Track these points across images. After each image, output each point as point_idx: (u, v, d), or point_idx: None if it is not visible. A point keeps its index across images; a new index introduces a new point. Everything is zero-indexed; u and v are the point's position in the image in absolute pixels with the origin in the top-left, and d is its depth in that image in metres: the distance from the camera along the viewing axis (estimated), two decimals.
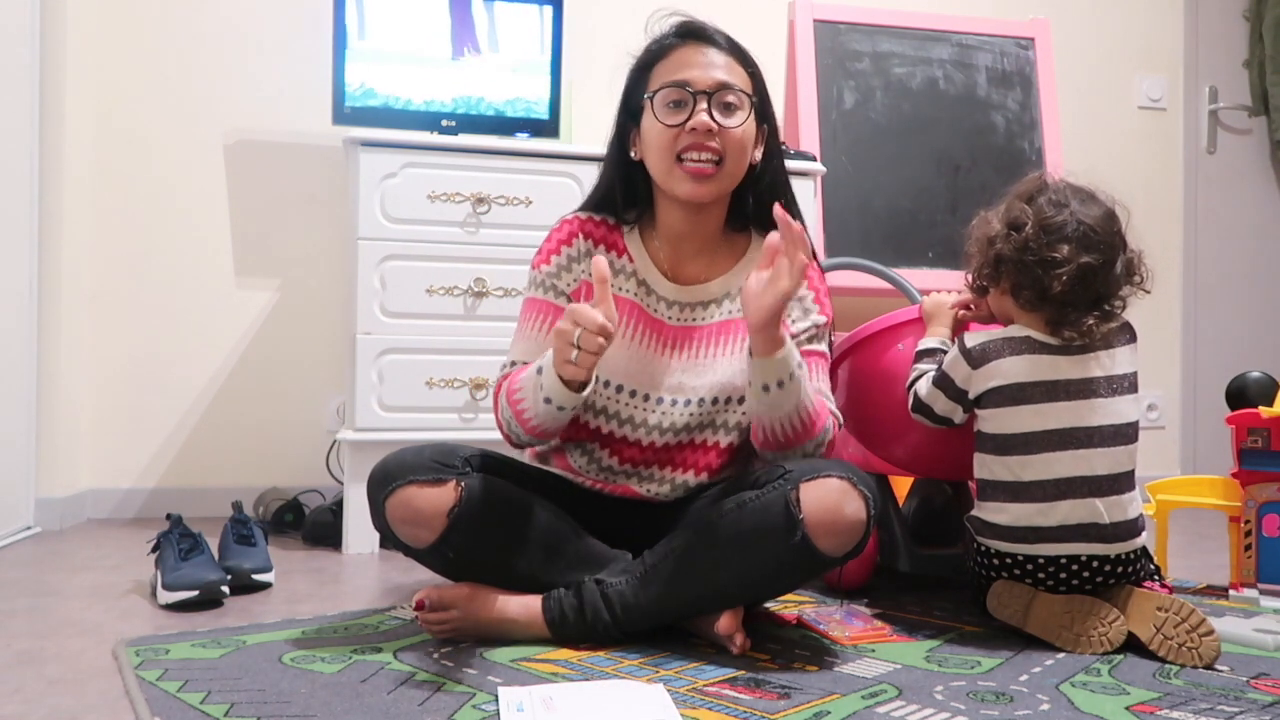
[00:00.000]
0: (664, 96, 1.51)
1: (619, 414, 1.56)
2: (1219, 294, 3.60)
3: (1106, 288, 1.54)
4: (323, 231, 2.78)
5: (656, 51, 1.56)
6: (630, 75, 1.59)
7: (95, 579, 1.94)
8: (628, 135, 1.60)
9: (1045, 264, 1.50)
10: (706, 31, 1.55)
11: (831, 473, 1.39)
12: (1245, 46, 3.60)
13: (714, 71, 1.51)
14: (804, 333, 1.59)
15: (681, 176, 1.51)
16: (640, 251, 1.61)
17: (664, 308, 1.60)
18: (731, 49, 1.55)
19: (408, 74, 2.47)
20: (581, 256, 1.59)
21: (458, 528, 1.42)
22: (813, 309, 1.62)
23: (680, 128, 1.49)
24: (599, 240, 1.60)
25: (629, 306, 1.58)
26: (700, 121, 1.48)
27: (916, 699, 1.26)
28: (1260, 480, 1.81)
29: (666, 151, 1.51)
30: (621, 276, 1.60)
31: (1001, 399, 1.54)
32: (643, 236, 1.63)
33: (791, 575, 1.46)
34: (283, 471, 2.73)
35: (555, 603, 1.46)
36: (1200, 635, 1.40)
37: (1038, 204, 1.54)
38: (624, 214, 1.63)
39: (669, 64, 1.53)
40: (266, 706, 1.20)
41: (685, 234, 1.60)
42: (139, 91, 2.69)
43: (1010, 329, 1.58)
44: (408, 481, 1.42)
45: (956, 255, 2.84)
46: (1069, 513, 1.49)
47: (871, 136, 2.93)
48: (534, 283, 1.61)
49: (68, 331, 2.57)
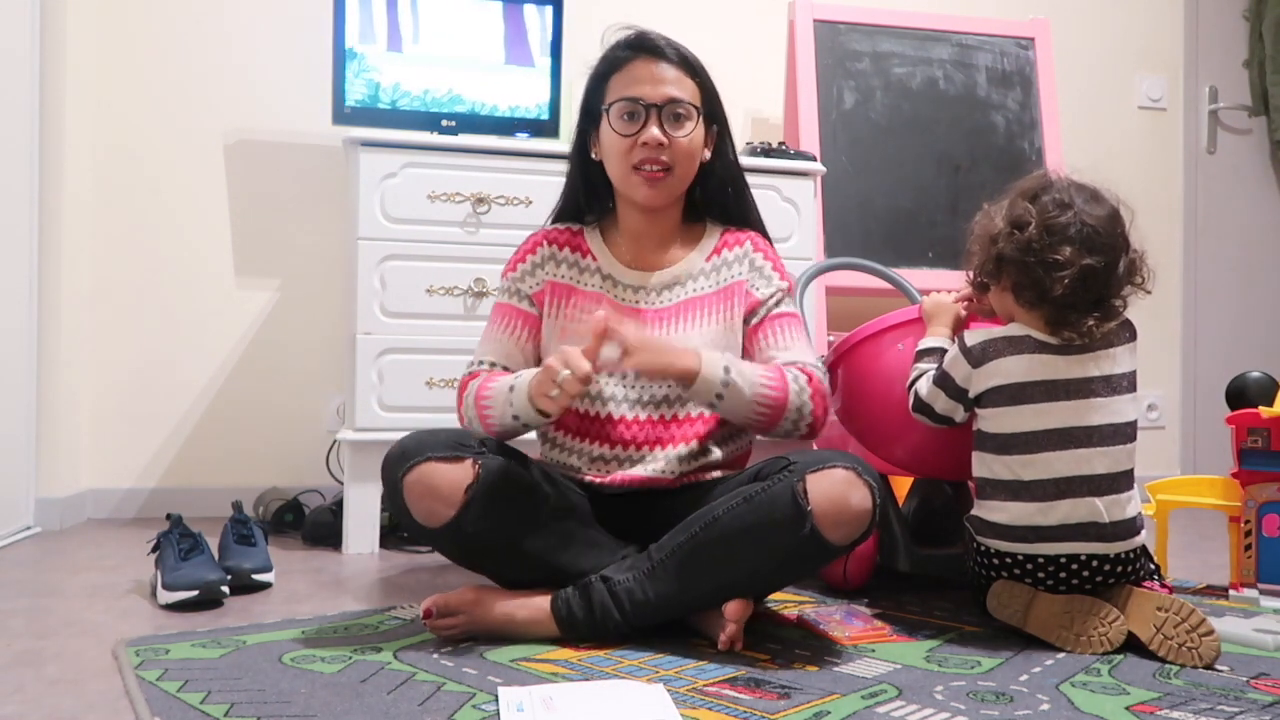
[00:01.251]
0: (619, 110, 1.63)
1: (599, 393, 1.62)
2: (1219, 294, 3.60)
3: (1108, 289, 1.53)
4: (323, 231, 2.78)
5: (612, 62, 1.66)
6: (589, 83, 1.70)
7: (95, 579, 1.94)
8: (588, 137, 1.71)
9: (1047, 265, 1.49)
10: (658, 46, 1.65)
11: (836, 463, 1.42)
12: (1245, 46, 3.60)
13: (664, 87, 1.62)
14: (770, 298, 1.68)
15: (637, 182, 1.63)
16: (601, 249, 1.72)
17: (630, 294, 1.69)
18: (680, 62, 1.65)
19: (408, 74, 2.47)
20: (545, 261, 1.71)
21: (475, 504, 1.44)
22: (773, 276, 1.71)
23: (634, 138, 1.61)
24: (563, 244, 1.72)
25: (595, 296, 1.69)
26: (651, 136, 1.60)
27: (916, 699, 1.26)
28: (1260, 480, 1.81)
29: (623, 159, 1.63)
30: (587, 275, 1.71)
31: (1001, 398, 1.54)
32: (604, 233, 1.74)
33: (800, 565, 1.49)
34: (283, 471, 2.73)
35: (564, 602, 1.47)
36: (1200, 635, 1.40)
37: (1041, 203, 1.53)
38: (585, 215, 1.76)
39: (623, 77, 1.64)
40: (266, 706, 1.20)
41: (644, 231, 1.71)
42: (139, 91, 2.69)
43: (1010, 328, 1.57)
44: (427, 458, 1.45)
45: (956, 255, 2.83)
46: (1069, 512, 1.49)
47: (871, 136, 2.93)
48: (502, 289, 1.73)
49: (68, 331, 2.57)
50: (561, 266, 1.70)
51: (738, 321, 1.67)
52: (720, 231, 1.75)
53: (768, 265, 1.71)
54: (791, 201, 2.49)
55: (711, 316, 1.67)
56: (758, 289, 1.69)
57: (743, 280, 1.69)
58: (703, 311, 1.67)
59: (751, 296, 1.68)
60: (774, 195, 2.46)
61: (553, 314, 1.68)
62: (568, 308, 1.68)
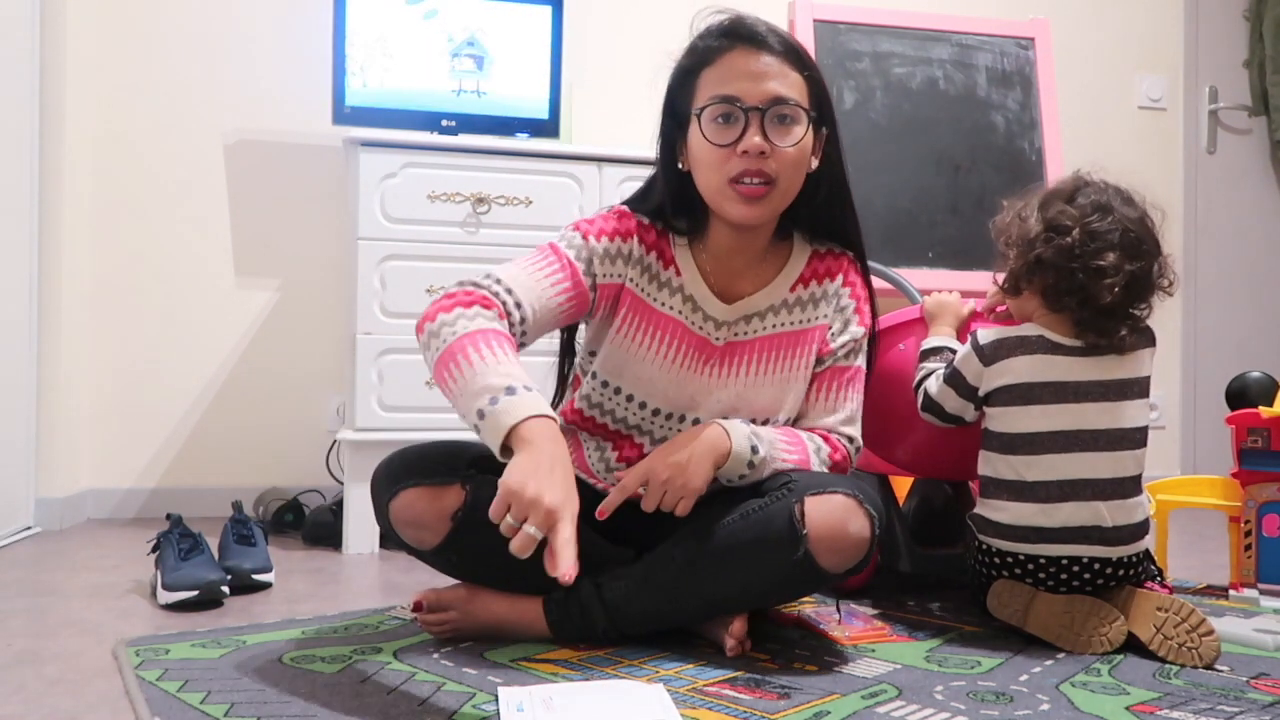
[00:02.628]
0: (712, 113, 1.40)
1: (652, 433, 1.54)
2: (1219, 294, 3.60)
3: (1145, 294, 1.51)
4: (323, 231, 2.78)
5: (704, 54, 1.43)
6: (673, 78, 1.47)
7: (95, 579, 1.94)
8: (675, 144, 1.48)
9: (1091, 272, 1.46)
10: (758, 33, 1.41)
11: (837, 488, 1.37)
12: (1245, 46, 3.60)
13: (766, 83, 1.39)
14: (842, 348, 1.55)
15: (733, 198, 1.41)
16: (689, 265, 1.51)
17: (711, 327, 1.51)
18: (786, 51, 1.42)
19: (408, 74, 2.47)
20: (631, 260, 1.49)
21: (462, 530, 1.40)
22: (853, 319, 1.55)
23: (731, 148, 1.39)
24: (650, 247, 1.50)
25: (673, 325, 1.50)
26: (752, 144, 1.37)
27: (916, 699, 1.26)
28: (1260, 480, 1.81)
29: (716, 172, 1.41)
30: (667, 292, 1.50)
31: (1010, 398, 1.54)
32: (692, 249, 1.52)
33: (791, 588, 1.45)
34: (283, 471, 2.73)
35: (556, 605, 1.46)
36: (1200, 635, 1.40)
37: (1080, 205, 1.50)
38: (675, 223, 1.52)
39: (716, 71, 1.41)
40: (266, 706, 1.20)
41: (735, 250, 1.51)
42: (139, 91, 2.69)
43: (1024, 327, 1.55)
44: (412, 484, 1.40)
45: (956, 255, 2.87)
46: (1071, 514, 1.49)
47: (871, 136, 2.92)
48: (568, 242, 1.47)
49: (68, 331, 2.56)
50: (643, 275, 1.50)
51: (809, 371, 1.54)
52: (809, 253, 1.56)
53: (852, 305, 1.55)
54: None
55: (785, 361, 1.53)
56: (834, 335, 1.54)
57: (826, 325, 1.54)
58: (781, 353, 1.52)
59: (825, 344, 1.54)
60: None
61: (624, 330, 1.50)
62: (643, 337, 1.50)
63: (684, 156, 1.47)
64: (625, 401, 1.52)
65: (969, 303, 1.73)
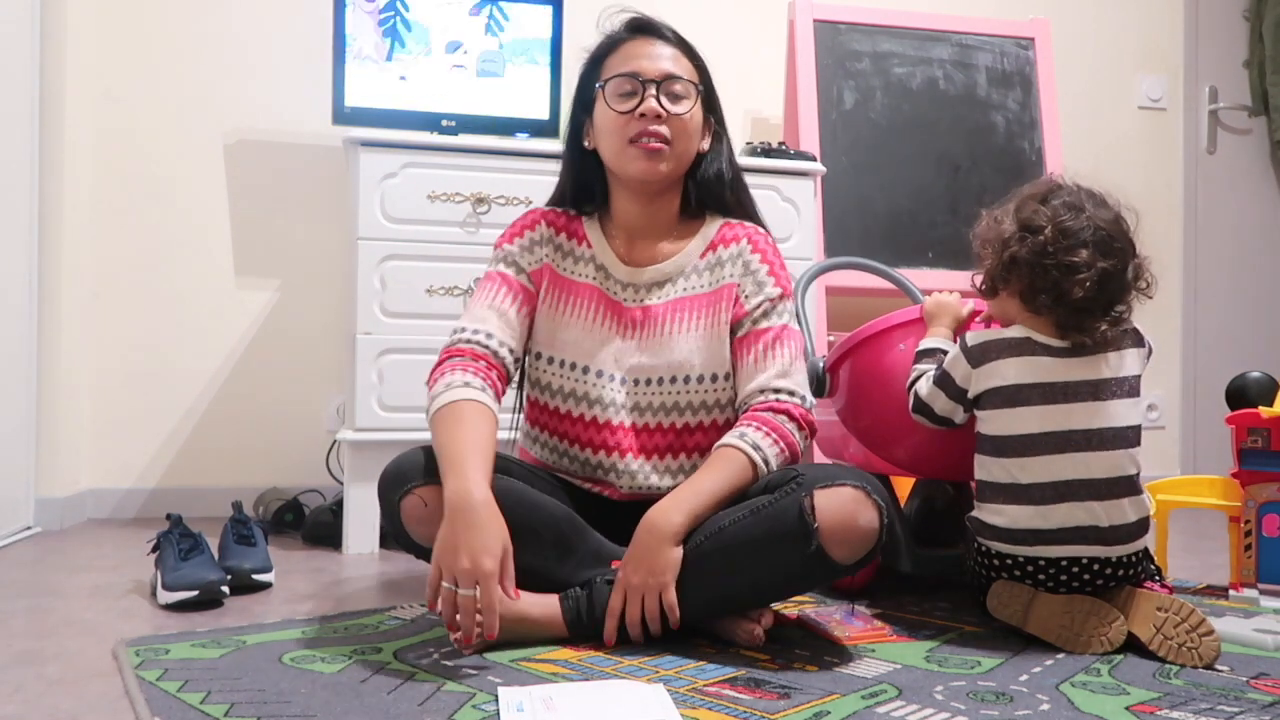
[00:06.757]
0: (615, 86, 1.59)
1: (586, 394, 1.61)
2: (1219, 294, 3.60)
3: (1120, 292, 1.53)
4: (323, 231, 2.78)
5: (608, 45, 1.64)
6: (583, 68, 1.67)
7: (95, 579, 1.94)
8: (582, 127, 1.67)
9: (1064, 268, 1.48)
10: (655, 26, 1.64)
11: (846, 481, 1.40)
12: (1245, 46, 3.60)
13: (661, 62, 1.60)
14: (757, 308, 1.63)
15: (634, 155, 1.58)
16: (599, 238, 1.69)
17: (620, 289, 1.66)
18: (678, 42, 1.64)
19: (408, 74, 2.47)
20: (544, 241, 1.67)
21: None
22: (766, 281, 1.65)
23: (631, 114, 1.57)
24: (560, 228, 1.69)
25: (588, 290, 1.66)
26: (649, 107, 1.57)
27: (916, 699, 1.26)
28: (1260, 480, 1.81)
29: (618, 135, 1.59)
30: (581, 263, 1.68)
31: (1000, 400, 1.54)
32: (601, 225, 1.71)
33: (803, 582, 1.48)
34: (283, 471, 2.73)
35: (573, 602, 1.46)
36: (1200, 635, 1.40)
37: (1053, 206, 1.52)
38: (583, 206, 1.72)
39: (619, 56, 1.62)
40: (266, 706, 1.20)
41: (641, 223, 1.68)
42: (139, 91, 2.69)
43: (1011, 330, 1.57)
44: (423, 482, 1.43)
45: (956, 255, 2.87)
46: (1067, 515, 1.49)
47: (871, 136, 2.93)
48: (496, 259, 1.67)
49: (68, 331, 2.57)
50: (556, 253, 1.67)
51: (725, 329, 1.63)
52: (719, 224, 1.70)
53: (763, 269, 1.65)
54: (791, 201, 2.49)
55: (700, 319, 1.63)
56: (747, 297, 1.63)
57: (734, 283, 1.64)
58: (692, 313, 1.64)
59: (740, 305, 1.63)
60: (774, 195, 2.46)
61: (548, 303, 1.65)
62: (564, 305, 1.65)
63: (590, 135, 1.66)
64: (559, 368, 1.64)
65: (969, 304, 1.73)
